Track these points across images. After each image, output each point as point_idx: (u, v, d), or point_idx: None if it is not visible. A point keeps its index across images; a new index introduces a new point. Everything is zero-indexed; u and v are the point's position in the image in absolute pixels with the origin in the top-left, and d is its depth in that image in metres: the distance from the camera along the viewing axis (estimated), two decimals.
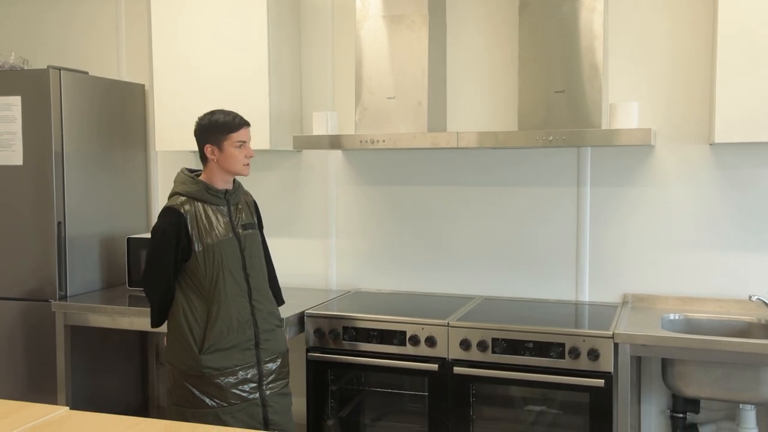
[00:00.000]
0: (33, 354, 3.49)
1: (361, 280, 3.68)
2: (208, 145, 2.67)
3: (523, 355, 2.81)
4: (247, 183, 3.84)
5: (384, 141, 3.10)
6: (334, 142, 3.20)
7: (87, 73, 3.68)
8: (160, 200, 3.99)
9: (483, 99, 3.42)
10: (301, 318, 3.16)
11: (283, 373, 2.79)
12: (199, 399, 2.58)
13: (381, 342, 3.01)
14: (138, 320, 3.27)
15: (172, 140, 3.58)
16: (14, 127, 3.42)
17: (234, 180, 2.77)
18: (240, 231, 2.70)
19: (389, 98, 3.24)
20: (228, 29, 3.44)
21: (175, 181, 2.71)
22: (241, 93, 3.43)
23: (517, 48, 3.19)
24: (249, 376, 2.65)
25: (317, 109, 3.67)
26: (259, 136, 3.40)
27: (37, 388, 3.48)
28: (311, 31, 3.68)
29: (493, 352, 2.84)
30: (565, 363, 2.75)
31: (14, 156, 3.43)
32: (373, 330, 3.03)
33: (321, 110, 3.63)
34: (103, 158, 3.70)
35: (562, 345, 2.76)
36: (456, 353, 2.90)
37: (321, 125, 3.33)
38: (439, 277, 3.54)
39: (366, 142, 3.13)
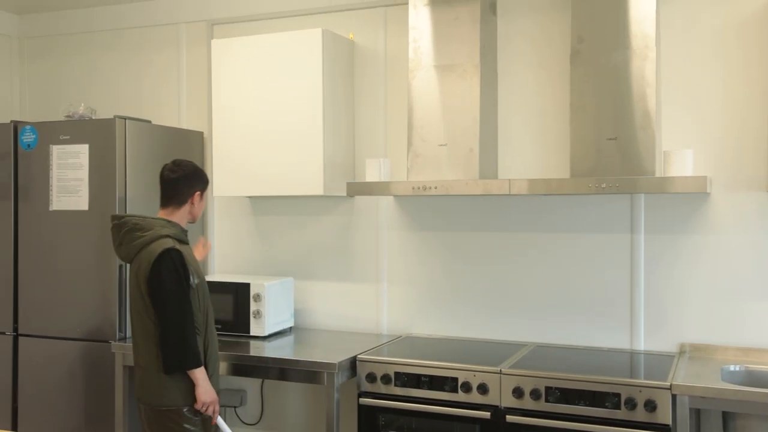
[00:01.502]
0: (92, 392, 3.58)
1: (413, 325, 3.69)
2: (198, 192, 2.89)
3: (578, 404, 2.77)
4: (300, 228, 3.93)
5: (436, 188, 3.14)
6: (387, 188, 3.25)
7: (150, 121, 3.83)
8: (217, 244, 4.09)
9: (534, 146, 3.44)
10: (353, 362, 3.18)
11: None
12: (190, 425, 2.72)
13: (432, 388, 3.01)
14: None
15: (229, 186, 3.69)
16: (81, 174, 3.57)
17: None
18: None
19: (441, 145, 3.29)
20: (284, 79, 3.56)
21: (141, 227, 2.78)
22: (296, 140, 3.53)
23: (568, 95, 3.22)
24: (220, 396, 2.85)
25: (370, 156, 3.74)
26: (313, 182, 3.50)
27: (94, 426, 3.57)
28: (364, 80, 3.78)
29: (547, 400, 2.81)
30: (621, 414, 2.70)
31: (81, 201, 3.57)
32: (425, 376, 3.03)
33: (373, 157, 3.71)
34: None
35: (618, 395, 2.71)
36: (508, 401, 2.88)
37: (374, 172, 3.39)
38: (491, 323, 3.52)
39: (418, 188, 3.17)
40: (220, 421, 2.81)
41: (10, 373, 3.74)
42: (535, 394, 2.83)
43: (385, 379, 3.09)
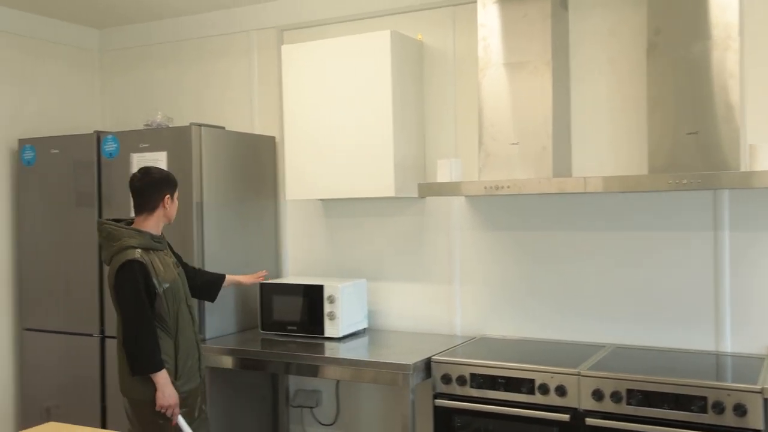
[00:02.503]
0: None
1: (487, 326, 3.65)
2: (168, 195, 2.99)
3: (661, 408, 2.68)
4: (372, 229, 3.95)
5: (509, 187, 3.10)
6: (459, 188, 3.22)
7: (224, 128, 3.91)
8: (290, 247, 4.16)
9: (610, 142, 3.36)
10: (427, 364, 3.17)
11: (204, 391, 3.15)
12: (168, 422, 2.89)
13: (508, 390, 2.98)
14: (270, 363, 3.39)
15: (302, 190, 3.74)
16: None
17: None
18: (177, 269, 3.04)
19: (512, 144, 3.25)
20: (354, 81, 3.58)
21: (114, 237, 2.91)
22: (367, 142, 3.54)
23: (644, 89, 3.13)
24: (199, 394, 3.05)
25: (440, 156, 3.73)
26: (384, 184, 3.51)
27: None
28: (433, 80, 3.77)
29: (628, 403, 2.74)
30: (708, 418, 2.61)
31: None
32: (501, 377, 3.00)
33: (444, 157, 3.69)
34: (238, 207, 3.90)
35: (704, 399, 2.61)
36: (588, 404, 2.82)
37: (445, 172, 3.38)
38: (567, 323, 3.46)
39: (490, 188, 3.14)
40: (180, 421, 2.91)
41: (99, 373, 3.89)
42: (615, 397, 2.76)
43: (461, 380, 3.08)
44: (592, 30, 3.38)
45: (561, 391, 2.86)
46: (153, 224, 2.99)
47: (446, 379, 3.11)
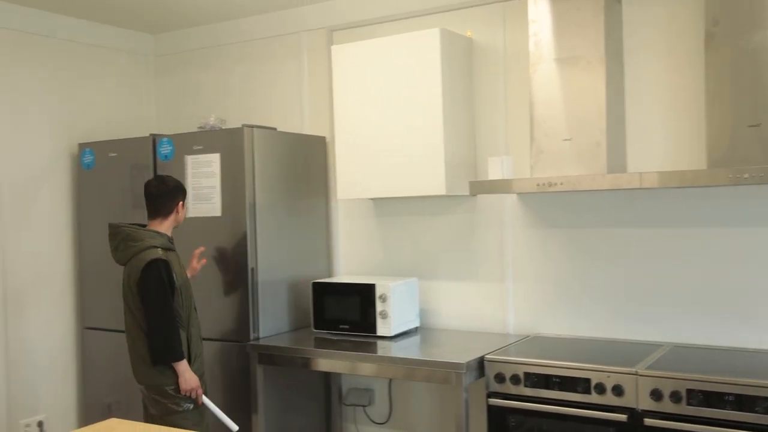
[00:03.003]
0: (231, 391, 3.74)
1: (540, 325, 3.61)
2: (181, 202, 3.28)
3: (724, 408, 2.61)
4: (423, 228, 3.95)
5: (562, 183, 3.06)
6: (511, 186, 3.19)
7: (275, 129, 3.96)
8: (341, 246, 4.18)
9: (666, 136, 3.28)
10: (480, 362, 3.15)
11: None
12: (181, 401, 3.15)
13: (563, 389, 2.94)
14: (324, 361, 3.42)
15: (353, 189, 3.76)
16: (214, 182, 3.74)
17: None
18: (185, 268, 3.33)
19: (565, 140, 3.20)
20: (403, 80, 3.58)
21: (134, 238, 3.16)
22: (417, 141, 3.54)
23: (701, 82, 3.06)
24: (203, 382, 3.27)
25: (491, 154, 3.70)
26: (435, 182, 3.50)
27: (235, 422, 3.72)
28: (483, 77, 3.74)
29: (689, 403, 2.67)
30: None
31: (214, 208, 3.75)
32: (556, 377, 2.96)
33: (495, 154, 3.66)
34: (290, 207, 3.94)
35: None
36: (646, 404, 2.76)
37: (496, 170, 3.35)
38: (623, 322, 3.39)
39: (543, 185, 3.10)
40: (205, 400, 3.20)
41: None
42: (675, 397, 2.69)
43: (514, 379, 3.05)
44: (647, 22, 3.31)
45: (618, 390, 2.81)
46: (167, 227, 3.25)
47: (500, 378, 3.09)
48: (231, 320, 3.71)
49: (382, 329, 3.59)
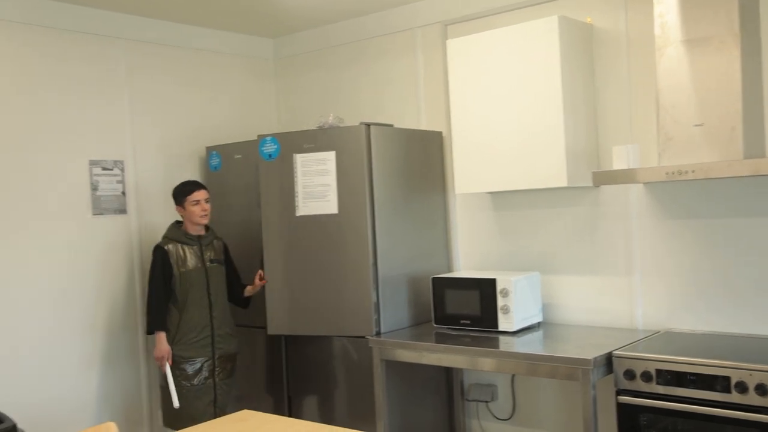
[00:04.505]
0: (352, 385, 3.81)
1: (671, 320, 3.45)
2: (177, 206, 3.89)
3: None
4: (543, 221, 3.86)
5: (693, 171, 2.90)
6: (637, 175, 3.07)
7: (392, 125, 3.99)
8: (460, 241, 4.16)
9: None
10: (608, 358, 3.05)
11: (229, 369, 3.96)
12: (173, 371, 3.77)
13: (700, 387, 2.79)
14: (445, 357, 3.41)
15: (471, 183, 3.73)
16: (329, 179, 3.79)
17: (208, 228, 3.96)
18: (207, 264, 3.88)
19: (696, 126, 3.04)
20: (521, 71, 3.52)
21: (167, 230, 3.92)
22: (536, 132, 3.47)
23: None
24: (206, 365, 3.83)
25: (614, 143, 3.57)
26: (556, 174, 3.42)
27: (357, 417, 3.80)
28: (605, 64, 3.61)
29: None
30: None
31: (329, 206, 3.79)
32: (691, 374, 2.82)
33: (619, 143, 3.53)
34: (408, 203, 3.96)
35: None
36: None
37: (621, 159, 3.23)
38: (762, 317, 3.18)
39: (673, 173, 2.96)
40: (168, 371, 3.75)
41: (283, 365, 4.11)
42: None
43: (646, 376, 2.93)
44: None
45: (762, 390, 2.64)
46: (186, 225, 3.90)
47: (629, 374, 2.97)
48: (352, 316, 3.77)
49: (504, 324, 3.54)
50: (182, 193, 3.87)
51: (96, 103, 4.11)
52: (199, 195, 3.86)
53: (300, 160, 3.81)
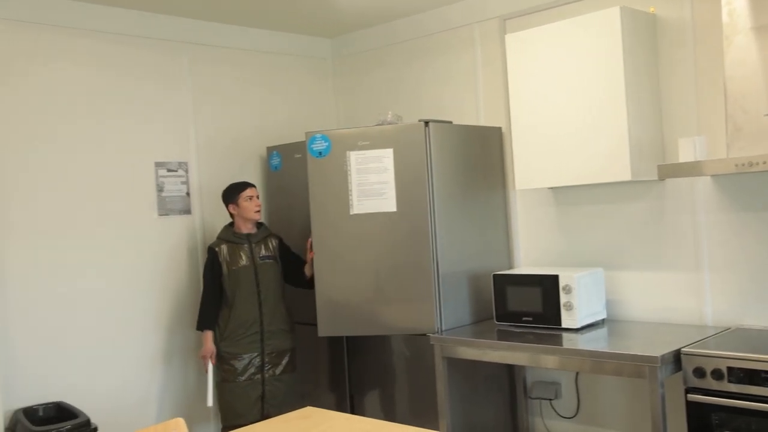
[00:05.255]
0: (415, 383, 3.82)
1: (743, 316, 3.34)
2: (230, 204, 3.98)
3: None
4: (606, 216, 3.79)
5: (765, 163, 2.81)
6: (705, 168, 2.98)
7: (451, 122, 3.97)
8: (521, 237, 4.12)
9: None
10: (677, 356, 2.98)
11: (282, 364, 3.98)
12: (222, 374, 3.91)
13: None
14: (508, 354, 3.38)
15: (532, 178, 3.69)
16: (386, 177, 3.78)
17: (260, 225, 4.05)
18: (258, 261, 3.95)
19: (766, 115, 2.94)
20: (582, 64, 3.46)
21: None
22: (598, 126, 3.41)
23: None
24: (254, 361, 3.90)
25: (680, 135, 3.48)
26: (619, 168, 3.35)
27: (420, 414, 3.80)
28: (669, 54, 3.52)
29: None
30: None
31: (387, 203, 3.78)
32: (765, 372, 2.73)
33: (685, 135, 3.44)
34: (467, 199, 3.94)
35: None
36: None
37: (688, 151, 3.14)
38: None
39: (743, 165, 2.86)
40: (209, 368, 3.89)
41: (345, 365, 4.15)
42: None
43: (717, 374, 2.84)
44: None
45: None
46: (237, 224, 4.00)
47: (699, 372, 2.89)
48: (414, 313, 3.77)
49: (567, 321, 3.49)
50: (235, 190, 3.98)
51: (161, 107, 4.23)
52: (252, 191, 3.99)
53: (354, 157, 3.77)
